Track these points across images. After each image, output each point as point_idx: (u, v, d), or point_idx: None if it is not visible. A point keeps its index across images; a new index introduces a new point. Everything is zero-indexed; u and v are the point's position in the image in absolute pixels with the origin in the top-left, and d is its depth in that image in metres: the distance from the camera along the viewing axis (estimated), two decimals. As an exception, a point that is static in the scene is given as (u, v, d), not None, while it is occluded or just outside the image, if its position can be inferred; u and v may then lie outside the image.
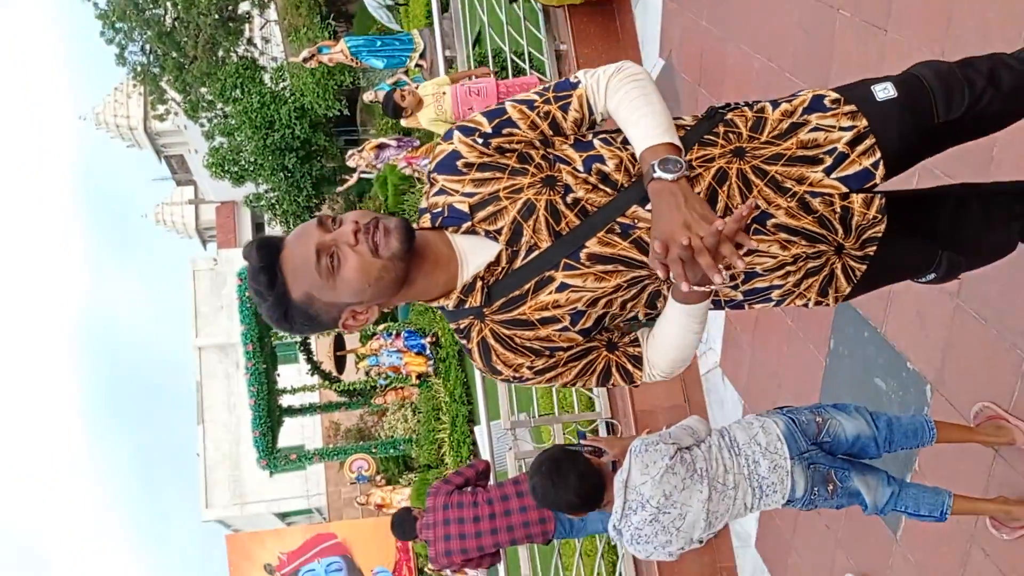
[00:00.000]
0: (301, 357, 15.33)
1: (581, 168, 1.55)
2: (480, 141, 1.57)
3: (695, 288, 1.44)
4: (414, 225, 1.55)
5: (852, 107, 1.64)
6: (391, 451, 14.28)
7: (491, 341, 1.61)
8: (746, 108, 1.67)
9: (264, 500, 23.05)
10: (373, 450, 14.19)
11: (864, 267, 1.69)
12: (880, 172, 1.62)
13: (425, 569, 13.87)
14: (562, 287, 1.55)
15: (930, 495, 2.68)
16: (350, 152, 13.48)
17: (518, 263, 1.55)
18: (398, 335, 13.81)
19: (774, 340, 4.33)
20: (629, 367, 1.69)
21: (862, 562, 3.66)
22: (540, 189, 1.53)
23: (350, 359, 16.54)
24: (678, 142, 1.50)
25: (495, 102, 6.73)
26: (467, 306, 1.58)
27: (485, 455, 5.78)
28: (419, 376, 13.71)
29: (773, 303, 1.73)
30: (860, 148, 1.61)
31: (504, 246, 1.54)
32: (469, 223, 1.55)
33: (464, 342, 1.64)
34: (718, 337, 4.93)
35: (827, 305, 1.75)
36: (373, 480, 14.22)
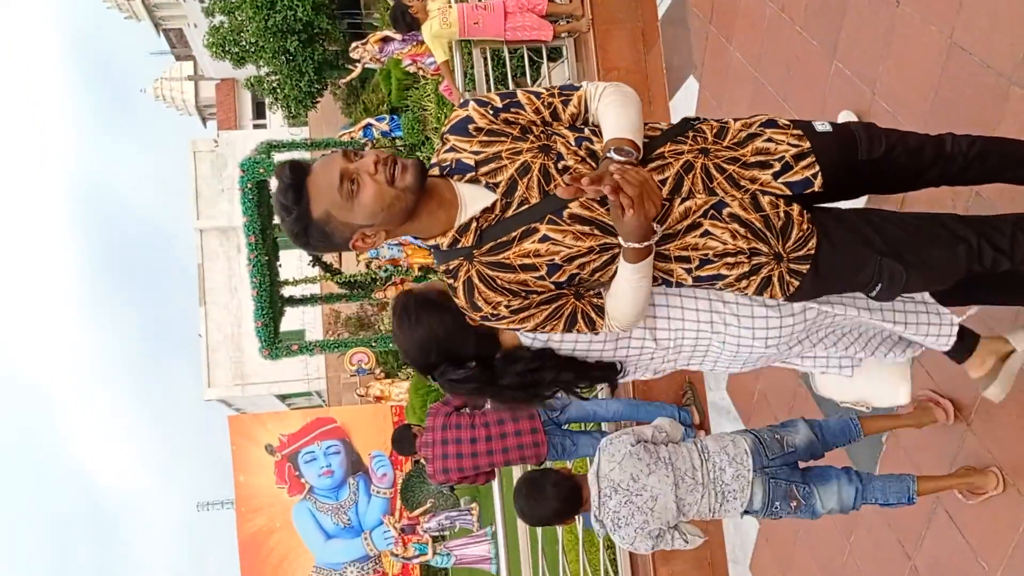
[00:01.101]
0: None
1: (573, 143, 1.83)
2: (491, 111, 1.86)
3: (633, 245, 1.73)
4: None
5: (799, 132, 1.97)
6: (390, 346, 14.51)
7: (475, 280, 1.83)
8: (713, 121, 1.99)
9: (265, 382, 23.57)
10: (373, 344, 14.42)
11: (797, 282, 1.92)
12: (818, 182, 1.91)
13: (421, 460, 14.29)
14: (544, 238, 1.79)
15: (895, 483, 2.88)
16: (354, 44, 13.23)
17: (510, 213, 1.80)
18: (400, 230, 13.85)
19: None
20: (592, 315, 1.91)
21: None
22: (536, 154, 1.81)
23: (349, 257, 16.64)
24: (636, 140, 1.80)
25: (502, 18, 6.63)
26: (460, 246, 1.81)
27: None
28: (421, 269, 13.80)
29: (717, 290, 1.99)
30: (803, 163, 1.92)
31: (500, 196, 1.80)
32: (473, 173, 1.81)
33: (451, 281, 1.85)
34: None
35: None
36: (372, 373, 14.54)
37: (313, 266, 16.23)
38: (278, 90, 20.15)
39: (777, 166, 1.90)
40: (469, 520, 13.00)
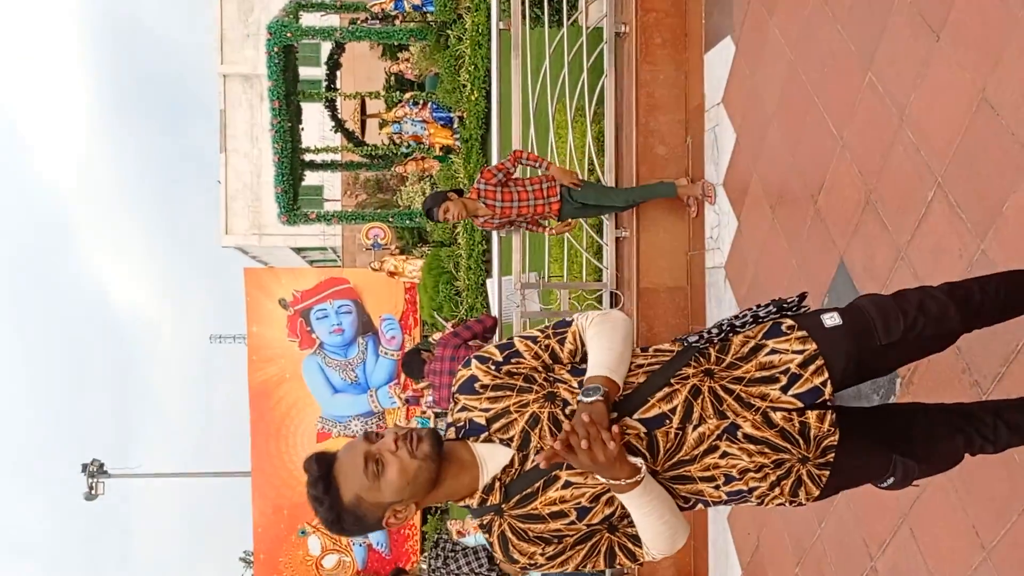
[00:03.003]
0: (326, 113, 15.34)
1: (576, 386, 1.87)
2: (493, 367, 1.94)
3: (612, 483, 1.76)
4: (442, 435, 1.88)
5: (803, 332, 1.96)
6: (407, 222, 14.66)
7: (508, 534, 1.89)
8: (715, 342, 1.98)
9: (281, 234, 23.83)
10: (390, 219, 14.57)
11: (827, 473, 1.94)
12: (828, 390, 1.91)
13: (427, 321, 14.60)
14: (566, 484, 1.84)
15: None
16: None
17: (528, 465, 1.85)
18: (424, 105, 13.75)
19: (776, 272, 4.56)
20: (630, 546, 1.91)
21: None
22: (543, 403, 1.86)
23: (373, 126, 16.55)
24: (613, 376, 1.84)
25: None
26: (488, 504, 1.88)
27: (494, 310, 6.17)
28: (442, 148, 13.80)
29: (754, 503, 1.99)
30: (811, 368, 1.91)
31: (516, 451, 1.86)
32: (486, 433, 1.88)
33: (487, 536, 1.93)
34: (727, 241, 5.14)
35: (801, 504, 2.00)
36: (388, 248, 14.73)
37: (335, 132, 16.22)
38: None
39: (783, 379, 1.90)
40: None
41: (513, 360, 1.94)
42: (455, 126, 13.62)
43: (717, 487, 1.91)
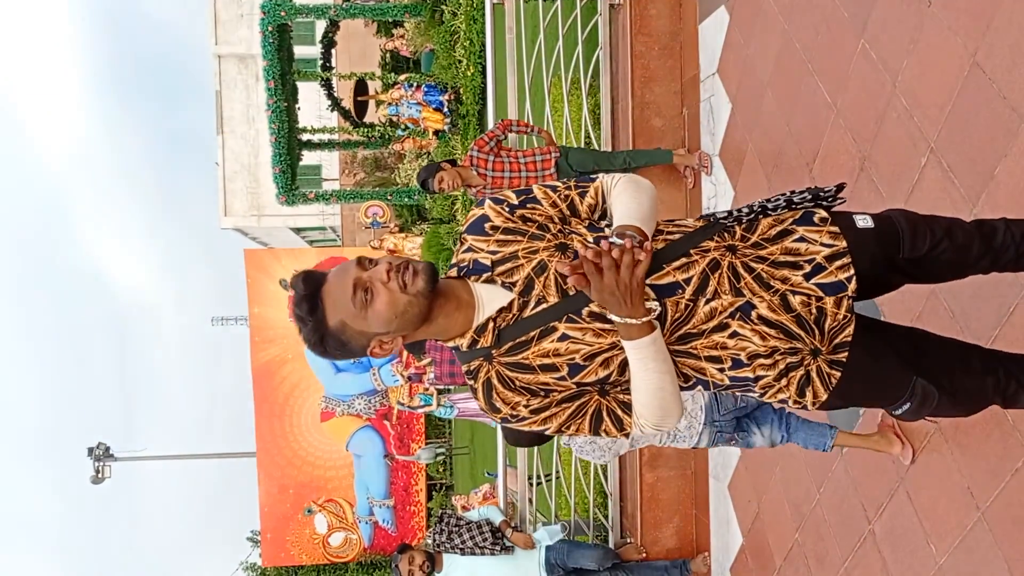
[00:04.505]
0: (322, 92, 15.30)
1: (591, 241, 1.80)
2: (507, 209, 1.86)
3: (616, 319, 1.69)
4: (441, 273, 1.82)
5: (835, 228, 1.88)
6: (406, 199, 14.67)
7: (494, 381, 1.80)
8: (743, 221, 1.90)
9: (280, 215, 23.83)
10: (388, 197, 14.58)
11: (839, 374, 1.85)
12: (852, 286, 1.84)
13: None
14: (563, 337, 1.75)
15: (815, 435, 3.64)
16: None
17: (527, 312, 1.77)
18: (418, 87, 13.73)
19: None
20: (619, 412, 1.83)
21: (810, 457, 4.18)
22: (553, 252, 1.79)
23: (370, 104, 16.51)
24: (643, 226, 1.78)
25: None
26: (479, 346, 1.79)
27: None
28: (435, 133, 13.80)
29: (756, 394, 1.90)
30: (837, 264, 1.84)
31: (517, 295, 1.78)
32: (489, 273, 1.81)
33: (471, 382, 1.84)
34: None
35: (805, 407, 1.92)
36: (387, 226, 14.75)
37: (332, 111, 16.18)
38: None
39: (807, 267, 1.83)
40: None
41: (529, 205, 1.86)
42: (446, 108, 13.61)
43: (722, 369, 1.83)
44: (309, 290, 1.72)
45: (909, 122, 3.36)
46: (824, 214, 1.91)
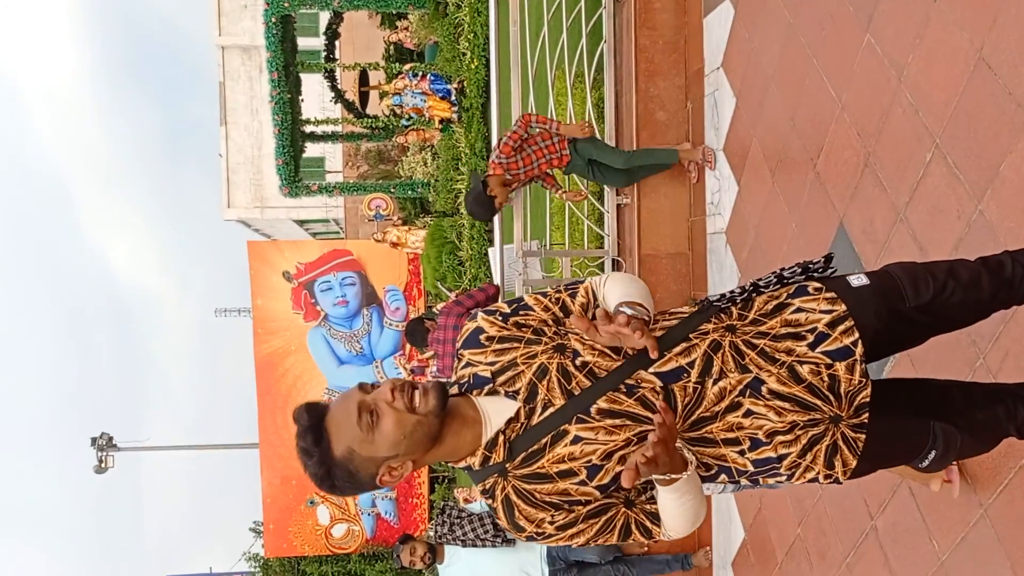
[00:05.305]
0: (325, 84, 15.28)
1: (587, 338, 1.75)
2: (500, 318, 1.84)
3: (659, 479, 1.67)
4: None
5: (832, 294, 1.87)
6: (409, 192, 14.66)
7: (514, 498, 1.75)
8: (738, 301, 1.91)
9: (284, 206, 23.81)
10: (392, 190, 14.56)
11: (863, 436, 1.82)
12: (859, 350, 1.81)
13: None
14: (576, 439, 1.71)
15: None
16: None
17: (535, 419, 1.73)
18: (423, 77, 13.69)
19: (777, 237, 4.57)
20: (648, 524, 1.80)
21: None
22: (552, 354, 1.76)
23: (373, 96, 16.48)
24: (647, 305, 1.77)
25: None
26: (491, 463, 1.74)
27: (497, 279, 6.19)
28: (442, 121, 13.77)
29: (784, 477, 1.85)
30: (840, 329, 1.82)
31: (522, 403, 1.74)
32: (491, 385, 1.77)
33: (489, 501, 1.79)
34: (728, 206, 5.14)
35: (837, 481, 1.87)
36: (390, 219, 14.73)
37: (335, 103, 16.16)
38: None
39: (810, 337, 1.81)
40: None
41: (521, 312, 1.84)
42: (453, 98, 13.58)
43: (742, 452, 1.79)
44: (312, 421, 1.67)
45: (914, 117, 3.34)
46: (818, 284, 1.91)
